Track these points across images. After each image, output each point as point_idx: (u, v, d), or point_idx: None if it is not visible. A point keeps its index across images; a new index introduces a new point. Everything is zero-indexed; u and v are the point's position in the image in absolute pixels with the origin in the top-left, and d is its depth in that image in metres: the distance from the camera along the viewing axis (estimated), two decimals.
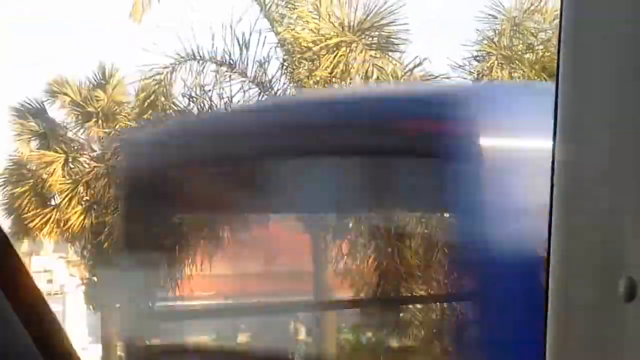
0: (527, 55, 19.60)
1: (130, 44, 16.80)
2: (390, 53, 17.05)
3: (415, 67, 16.71)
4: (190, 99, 17.33)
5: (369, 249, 6.92)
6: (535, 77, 18.26)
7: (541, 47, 19.44)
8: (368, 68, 16.01)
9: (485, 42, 21.18)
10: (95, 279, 23.83)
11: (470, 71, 21.15)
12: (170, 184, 6.43)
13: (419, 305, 6.78)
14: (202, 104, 17.27)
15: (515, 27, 20.53)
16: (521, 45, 20.50)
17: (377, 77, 15.88)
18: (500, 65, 19.81)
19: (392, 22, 16.36)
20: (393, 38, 16.66)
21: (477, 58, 21.18)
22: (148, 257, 6.59)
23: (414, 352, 6.77)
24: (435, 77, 16.98)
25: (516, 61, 19.17)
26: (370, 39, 16.63)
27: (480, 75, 20.48)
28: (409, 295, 6.99)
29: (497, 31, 21.13)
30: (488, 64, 20.12)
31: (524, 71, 18.99)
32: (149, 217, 6.84)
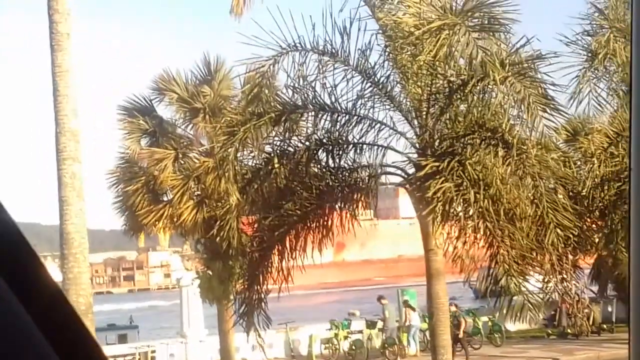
0: None
1: (233, 37, 16.76)
2: (495, 34, 16.57)
3: (521, 46, 16.19)
4: (294, 90, 17.23)
5: None
6: None
7: None
8: (472, 50, 15.56)
9: (597, 14, 20.39)
10: (209, 272, 24.09)
11: (584, 46, 20.35)
12: None
13: None
14: (305, 95, 17.18)
15: None
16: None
17: (482, 59, 15.42)
18: (615, 38, 19.00)
19: (496, 2, 15.88)
20: (497, 18, 16.17)
21: (590, 32, 20.39)
22: None
23: None
24: (544, 56, 16.39)
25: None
26: (474, 20, 16.19)
27: (596, 51, 19.67)
28: None
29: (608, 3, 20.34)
30: (604, 38, 19.29)
31: None
32: None
